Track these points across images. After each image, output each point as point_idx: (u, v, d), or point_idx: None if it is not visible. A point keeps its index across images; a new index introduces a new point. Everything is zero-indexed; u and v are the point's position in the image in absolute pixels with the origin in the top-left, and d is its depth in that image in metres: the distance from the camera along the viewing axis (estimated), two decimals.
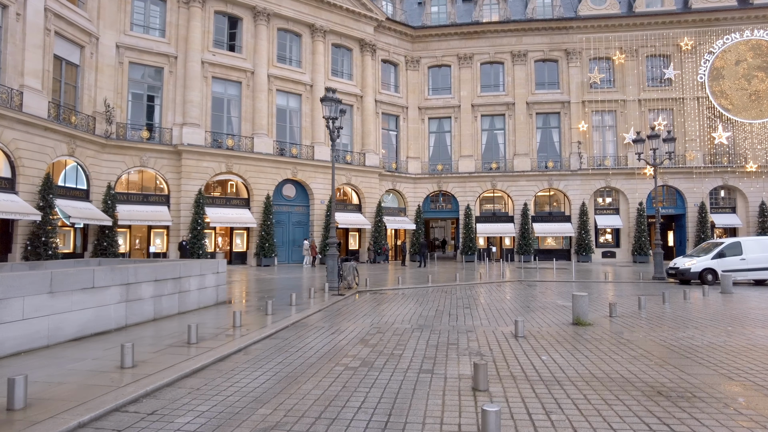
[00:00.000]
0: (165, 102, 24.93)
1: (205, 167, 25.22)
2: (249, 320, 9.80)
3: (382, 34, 32.64)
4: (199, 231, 23.96)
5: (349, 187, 30.85)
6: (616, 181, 31.68)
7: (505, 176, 32.46)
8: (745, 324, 9.30)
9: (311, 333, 8.61)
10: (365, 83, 31.39)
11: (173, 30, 25.17)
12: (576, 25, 32.28)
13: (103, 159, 22.75)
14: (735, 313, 10.69)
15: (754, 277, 18.29)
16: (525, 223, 31.25)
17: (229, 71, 26.57)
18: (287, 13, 28.25)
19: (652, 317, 10.11)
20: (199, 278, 11.47)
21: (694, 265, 18.29)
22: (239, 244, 27.10)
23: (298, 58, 29.25)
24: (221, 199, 26.46)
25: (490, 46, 33.30)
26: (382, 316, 10.40)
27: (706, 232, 30.07)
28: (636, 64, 32.02)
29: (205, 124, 25.65)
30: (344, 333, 8.59)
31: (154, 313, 9.79)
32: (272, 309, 11.01)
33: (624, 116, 31.81)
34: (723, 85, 31.02)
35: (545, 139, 33.03)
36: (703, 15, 31.22)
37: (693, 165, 30.98)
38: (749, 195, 30.53)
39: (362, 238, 31.00)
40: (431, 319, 9.98)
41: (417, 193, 33.60)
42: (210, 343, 7.61)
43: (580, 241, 30.77)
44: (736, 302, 12.58)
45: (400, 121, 33.73)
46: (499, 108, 33.18)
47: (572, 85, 32.31)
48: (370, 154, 30.91)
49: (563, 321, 9.66)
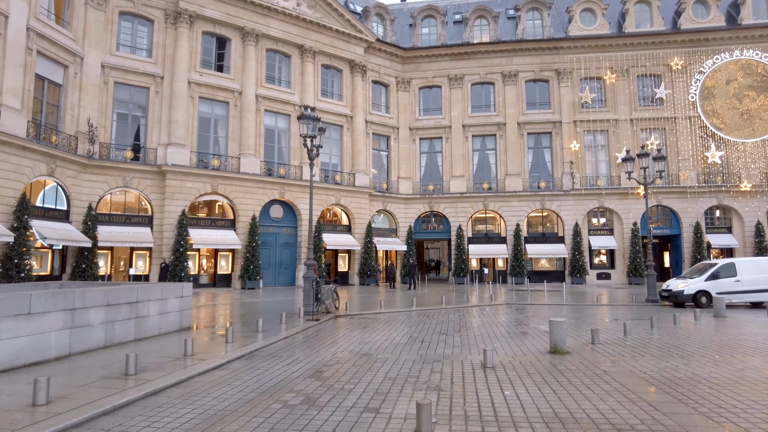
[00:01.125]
0: (150, 122, 24.67)
1: (190, 188, 24.80)
2: (205, 348, 9.19)
3: (372, 55, 32.66)
4: (181, 253, 23.37)
5: (339, 208, 30.40)
6: (609, 201, 31.22)
7: (496, 196, 32.03)
8: (735, 352, 8.67)
9: (266, 363, 8.00)
10: (355, 104, 31.24)
11: (160, 50, 25.08)
12: (566, 46, 32.31)
13: (84, 179, 22.34)
14: (726, 339, 10.06)
15: (750, 300, 17.65)
16: (517, 245, 30.66)
17: (216, 91, 26.40)
18: (276, 34, 28.26)
19: (637, 344, 9.48)
20: (160, 302, 10.88)
21: (688, 288, 17.67)
22: (224, 266, 26.48)
23: (287, 79, 29.15)
24: (206, 220, 25.97)
25: (481, 67, 33.29)
26: (349, 344, 9.77)
27: (702, 252, 29.46)
28: (627, 83, 31.93)
29: (190, 144, 25.34)
30: (301, 363, 7.97)
31: (105, 340, 9.19)
32: (236, 336, 10.42)
33: (616, 136, 31.55)
34: (714, 105, 30.84)
35: (537, 159, 32.71)
36: (692, 35, 31.26)
37: (687, 185, 30.56)
38: (745, 215, 30.02)
39: (352, 259, 30.38)
40: (400, 347, 9.36)
41: (408, 213, 33.12)
42: (150, 374, 7.00)
43: (574, 262, 30.13)
44: (728, 327, 11.94)
45: (390, 141, 33.49)
46: (490, 128, 32.97)
47: (563, 104, 32.16)
48: (359, 174, 30.54)
49: (541, 349, 9.04)
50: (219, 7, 26.44)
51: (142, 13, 24.73)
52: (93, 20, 23.00)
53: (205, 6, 25.99)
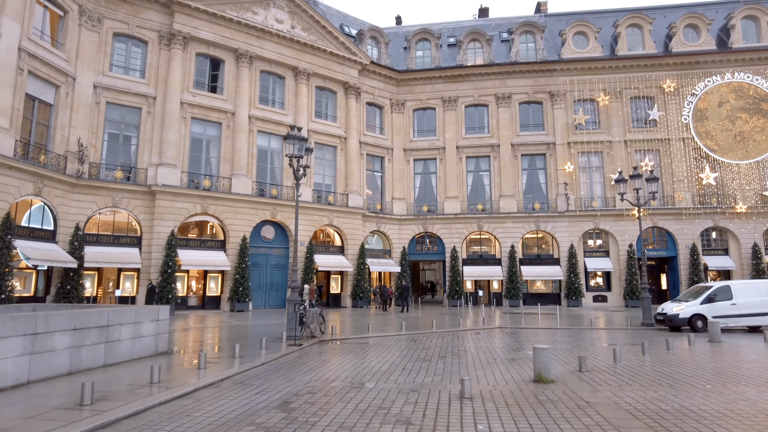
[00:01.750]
0: (142, 142, 24.58)
1: (180, 208, 24.56)
2: (176, 375, 8.80)
3: (366, 78, 32.87)
4: (169, 274, 22.99)
5: (332, 229, 30.12)
6: (604, 223, 30.96)
7: (491, 218, 31.80)
8: (728, 381, 8.28)
9: (234, 392, 7.60)
10: (349, 125, 31.28)
11: (153, 71, 25.17)
12: (559, 68, 32.55)
13: (72, 199, 22.11)
14: (719, 366, 9.66)
15: (747, 324, 17.22)
16: (512, 266, 30.28)
17: (209, 112, 26.42)
18: (270, 56, 28.46)
19: (626, 372, 9.09)
20: (134, 326, 10.51)
21: (683, 311, 17.26)
22: (213, 288, 26.04)
23: (281, 100, 29.23)
24: (196, 240, 25.65)
25: (475, 89, 33.47)
26: (327, 371, 9.38)
27: (699, 274, 29.07)
28: (620, 105, 32.04)
29: (182, 165, 25.21)
30: (270, 392, 7.58)
31: (70, 366, 8.80)
32: (210, 362, 10.04)
33: (611, 157, 31.49)
34: (707, 126, 30.89)
35: (531, 181, 32.59)
36: (684, 58, 31.52)
37: (682, 206, 30.36)
38: (741, 236, 29.74)
39: (345, 281, 29.94)
40: (379, 375, 8.96)
41: (402, 234, 32.83)
42: (108, 404, 6.62)
43: (570, 284, 29.70)
44: (722, 353, 11.54)
45: (385, 162, 33.43)
46: (484, 150, 32.95)
47: (557, 126, 32.21)
48: (353, 194, 30.36)
49: (525, 377, 8.64)
50: (213, 29, 26.67)
51: (137, 35, 24.91)
52: (87, 41, 23.13)
53: (200, 28, 26.21)
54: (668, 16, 34.60)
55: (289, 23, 29.32)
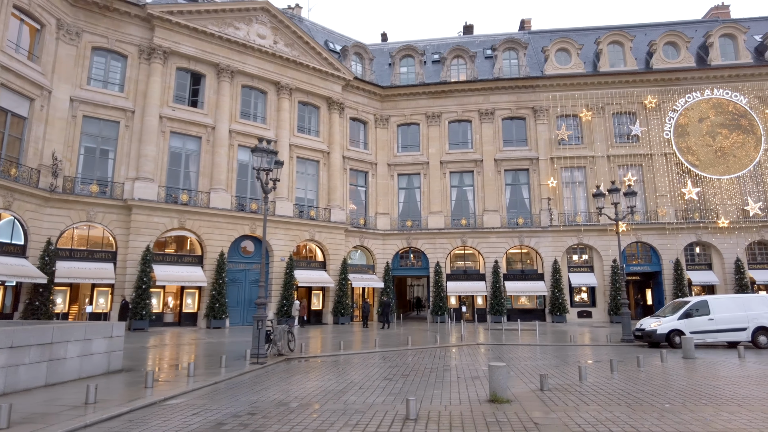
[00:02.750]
0: (119, 156, 24.30)
1: (156, 223, 24.18)
2: (118, 395, 8.39)
3: (350, 93, 32.92)
4: (143, 290, 22.51)
5: (314, 244, 29.77)
6: (588, 238, 30.84)
7: (475, 233, 31.61)
8: (689, 400, 8.00)
9: (169, 413, 7.22)
10: (332, 140, 31.18)
11: (132, 85, 25.02)
12: (542, 84, 32.77)
13: (45, 213, 21.70)
14: (684, 384, 9.38)
15: (726, 339, 16.99)
16: (496, 282, 29.99)
17: (188, 126, 26.23)
18: (252, 71, 28.43)
19: (588, 391, 8.78)
20: (83, 343, 10.11)
21: (660, 327, 17.01)
22: (190, 304, 25.51)
23: (263, 115, 29.13)
24: (172, 256, 25.21)
25: (458, 105, 33.59)
26: (279, 392, 9.00)
27: (683, 289, 28.91)
28: (603, 120, 32.21)
29: (159, 179, 24.91)
30: (208, 414, 7.20)
31: (5, 386, 8.37)
32: (162, 380, 9.65)
33: (594, 172, 31.53)
34: (689, 142, 31.07)
35: (515, 196, 32.52)
36: (664, 75, 31.85)
37: (666, 221, 30.34)
38: (724, 251, 29.69)
39: (326, 297, 29.49)
40: (330, 395, 8.60)
41: (386, 249, 32.51)
42: (28, 427, 6.24)
43: (554, 300, 29.42)
44: (693, 370, 11.26)
45: (368, 177, 33.28)
46: (467, 165, 32.93)
47: (540, 141, 32.29)
48: (335, 209, 30.12)
49: (482, 396, 8.32)
50: (194, 44, 26.64)
51: (116, 49, 24.81)
52: (64, 55, 22.98)
53: (180, 43, 26.18)
54: (649, 33, 35.09)
55: (272, 39, 29.39)
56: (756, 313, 16.93)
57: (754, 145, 30.32)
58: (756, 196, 29.96)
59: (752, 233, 29.64)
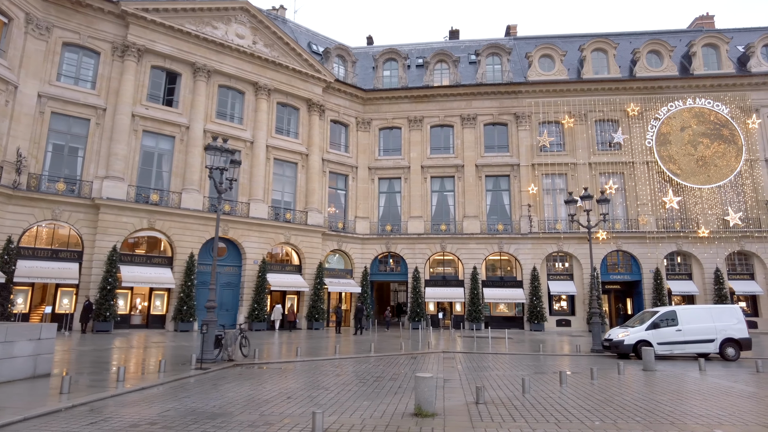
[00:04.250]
0: (88, 154, 23.83)
1: (125, 222, 23.69)
2: (26, 401, 7.92)
3: (332, 95, 32.59)
4: (108, 291, 21.97)
5: (289, 247, 29.31)
6: (568, 246, 30.52)
7: (454, 238, 31.24)
8: (625, 416, 7.59)
9: (62, 423, 6.76)
10: (311, 142, 30.81)
11: (105, 82, 24.60)
12: (525, 90, 32.55)
13: (7, 211, 21.17)
14: (628, 400, 8.97)
15: (694, 351, 16.59)
16: (474, 288, 29.60)
17: (162, 125, 25.79)
18: (229, 71, 28.07)
19: (525, 405, 8.37)
20: (2, 346, 9.62)
21: (628, 337, 16.63)
22: (158, 306, 24.98)
23: (240, 115, 28.74)
24: (141, 257, 24.69)
25: (440, 110, 33.32)
26: (199, 401, 8.55)
27: (663, 299, 28.60)
28: (585, 128, 32.00)
29: (130, 178, 24.45)
30: (106, 423, 6.74)
31: None
32: (89, 385, 9.17)
33: (575, 179, 31.26)
34: (670, 150, 30.88)
35: (495, 202, 32.21)
36: (647, 83, 31.71)
37: (646, 230, 30.07)
38: (704, 261, 29.42)
39: (301, 302, 28.99)
40: (253, 404, 8.15)
41: (365, 254, 32.09)
42: None
43: (532, 308, 29.04)
44: (646, 384, 10.87)
45: (349, 180, 32.90)
46: (448, 170, 32.63)
47: (522, 148, 32.02)
48: (313, 212, 29.69)
49: (410, 409, 7.88)
50: (170, 42, 26.27)
51: (88, 45, 24.40)
52: (33, 50, 22.56)
53: (156, 41, 25.80)
54: (633, 42, 34.99)
55: (251, 39, 29.06)
56: (724, 324, 16.59)
57: (735, 155, 30.15)
58: (736, 206, 29.76)
59: (732, 243, 29.40)
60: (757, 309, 29.03)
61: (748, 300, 29.59)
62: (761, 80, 30.76)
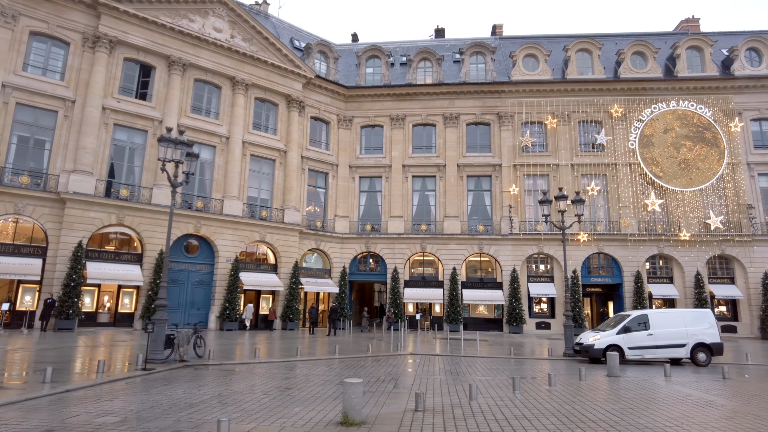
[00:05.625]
0: (55, 147, 23.16)
1: (93, 218, 23.04)
2: None
3: (312, 92, 32.07)
4: (72, 288, 21.32)
5: (265, 245, 28.73)
6: (549, 248, 30.16)
7: (434, 238, 30.80)
8: (562, 428, 7.13)
9: None
10: (290, 138, 30.25)
11: (74, 74, 23.94)
12: (508, 89, 32.19)
13: None
14: (577, 408, 8.52)
15: (666, 355, 16.25)
16: (454, 289, 29.17)
17: (134, 119, 25.16)
18: (206, 65, 27.49)
19: (466, 413, 7.90)
20: None
21: (598, 341, 16.25)
22: (127, 304, 24.35)
23: (216, 110, 28.14)
24: (109, 253, 24.05)
25: (423, 108, 32.89)
26: (124, 404, 8.02)
27: (644, 303, 28.32)
28: (568, 128, 31.67)
29: (99, 173, 23.81)
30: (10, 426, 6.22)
31: None
32: (7, 387, 8.61)
33: (557, 181, 30.91)
34: (653, 153, 30.60)
35: (477, 203, 31.80)
36: (631, 84, 31.43)
37: (628, 232, 29.77)
38: (685, 265, 29.16)
39: (276, 301, 28.42)
40: (173, 410, 7.63)
41: (344, 254, 31.57)
42: None
43: (511, 310, 28.64)
44: (602, 392, 10.43)
45: (329, 178, 32.38)
46: (430, 169, 32.19)
47: (504, 148, 31.65)
48: (290, 210, 29.14)
49: (340, 417, 7.39)
50: (144, 34, 25.65)
51: (58, 35, 23.74)
52: None
53: (129, 33, 25.17)
54: (619, 43, 34.72)
55: (229, 33, 28.49)
56: (696, 329, 16.26)
57: (717, 158, 29.92)
58: (718, 209, 29.54)
59: (713, 247, 29.17)
60: (737, 313, 28.79)
61: (728, 304, 29.37)
62: (744, 83, 30.57)
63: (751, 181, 29.77)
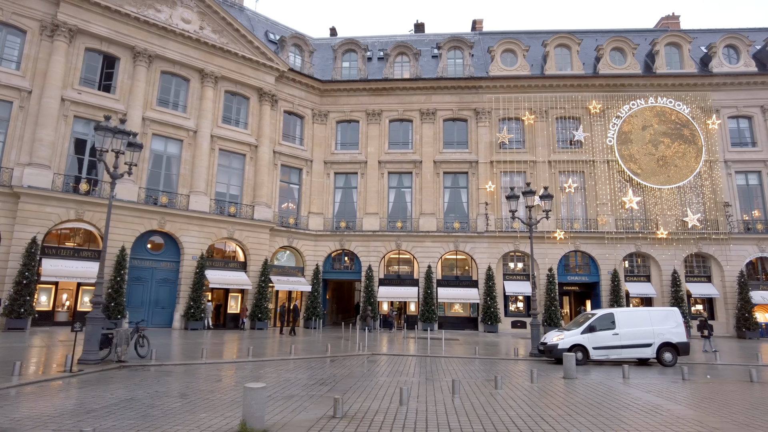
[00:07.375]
0: (9, 139, 22.27)
1: (49, 213, 22.18)
2: None
3: (286, 85, 31.33)
4: (24, 285, 20.46)
5: (234, 243, 27.96)
6: (525, 246, 29.60)
7: (410, 236, 30.21)
8: None
9: None
10: (261, 132, 29.50)
11: (31, 63, 23.05)
12: (485, 85, 31.66)
13: None
14: (512, 415, 7.94)
15: (632, 355, 15.78)
16: (428, 288, 28.58)
17: (96, 111, 24.26)
18: (173, 57, 26.67)
19: (387, 420, 7.30)
20: None
21: (562, 341, 15.74)
22: (86, 302, 23.49)
23: (183, 103, 27.33)
24: (68, 250, 23.18)
25: (400, 104, 32.27)
26: (27, 409, 7.32)
27: (621, 302, 27.90)
28: (546, 125, 31.20)
29: (58, 167, 22.95)
30: None
31: None
32: None
33: (534, 177, 30.40)
34: (631, 150, 30.22)
35: (453, 200, 31.25)
36: (610, 80, 31.02)
37: (605, 230, 29.36)
38: (662, 263, 28.81)
39: (244, 300, 27.68)
40: (64, 417, 6.96)
41: (318, 251, 30.88)
42: None
43: (486, 308, 28.12)
44: (553, 396, 9.88)
45: (303, 174, 31.66)
46: (406, 165, 31.58)
47: (481, 144, 31.12)
48: (260, 206, 28.39)
49: None
50: (107, 23, 24.80)
51: (13, 23, 22.84)
52: None
53: (91, 21, 24.31)
54: (599, 39, 34.34)
55: (198, 24, 27.69)
56: (662, 328, 15.80)
57: (695, 155, 29.60)
58: (695, 207, 29.22)
59: (690, 245, 28.85)
60: (713, 312, 28.49)
61: (705, 303, 29.08)
62: (722, 81, 30.27)
63: (729, 178, 29.48)
